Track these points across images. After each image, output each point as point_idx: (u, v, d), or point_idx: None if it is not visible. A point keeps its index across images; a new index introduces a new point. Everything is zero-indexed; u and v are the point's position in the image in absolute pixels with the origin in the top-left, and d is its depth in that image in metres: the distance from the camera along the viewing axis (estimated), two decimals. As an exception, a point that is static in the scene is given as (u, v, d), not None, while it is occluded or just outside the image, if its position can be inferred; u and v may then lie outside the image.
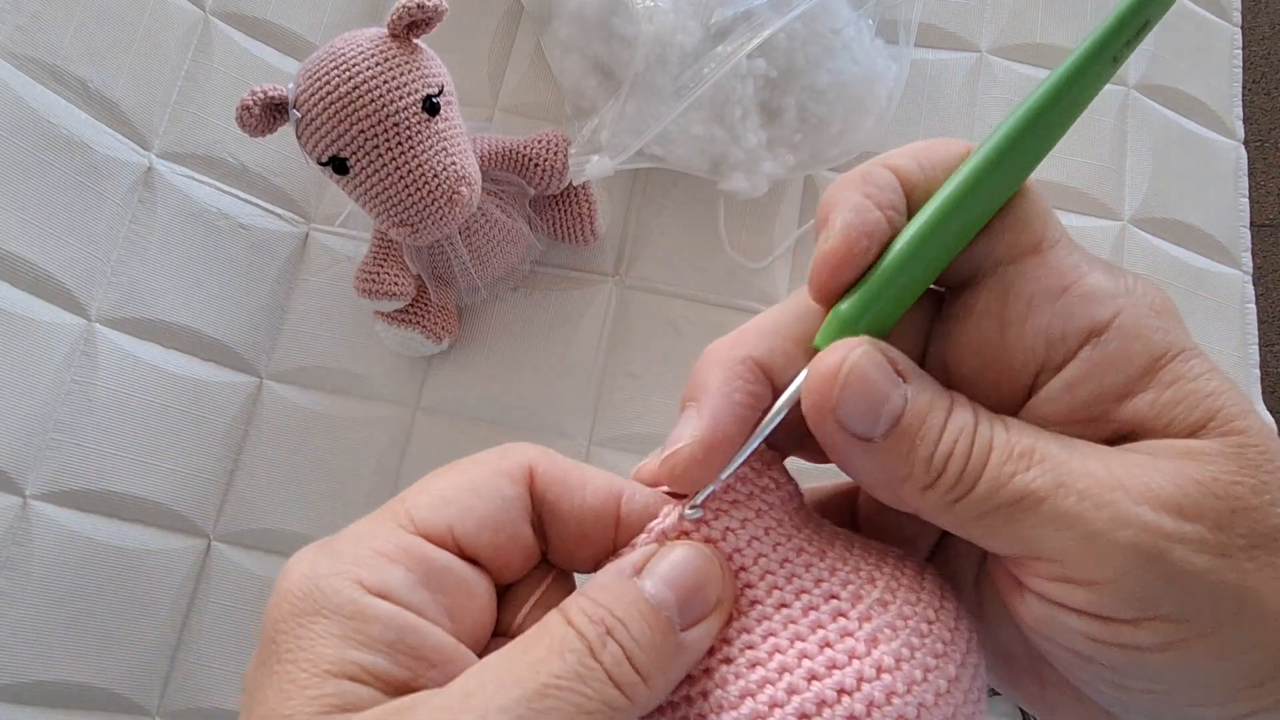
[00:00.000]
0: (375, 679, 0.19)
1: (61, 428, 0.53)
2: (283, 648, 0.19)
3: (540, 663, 0.19)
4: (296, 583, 0.20)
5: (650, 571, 0.21)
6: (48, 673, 0.51)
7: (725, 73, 0.54)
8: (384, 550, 0.20)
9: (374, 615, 0.19)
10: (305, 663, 0.19)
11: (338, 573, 0.20)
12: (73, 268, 0.54)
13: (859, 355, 0.21)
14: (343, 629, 0.19)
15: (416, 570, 0.20)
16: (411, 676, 0.19)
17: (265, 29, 0.64)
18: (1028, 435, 0.21)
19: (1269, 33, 1.28)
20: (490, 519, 0.22)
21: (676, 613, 0.21)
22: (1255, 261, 0.65)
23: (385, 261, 0.55)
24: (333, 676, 0.19)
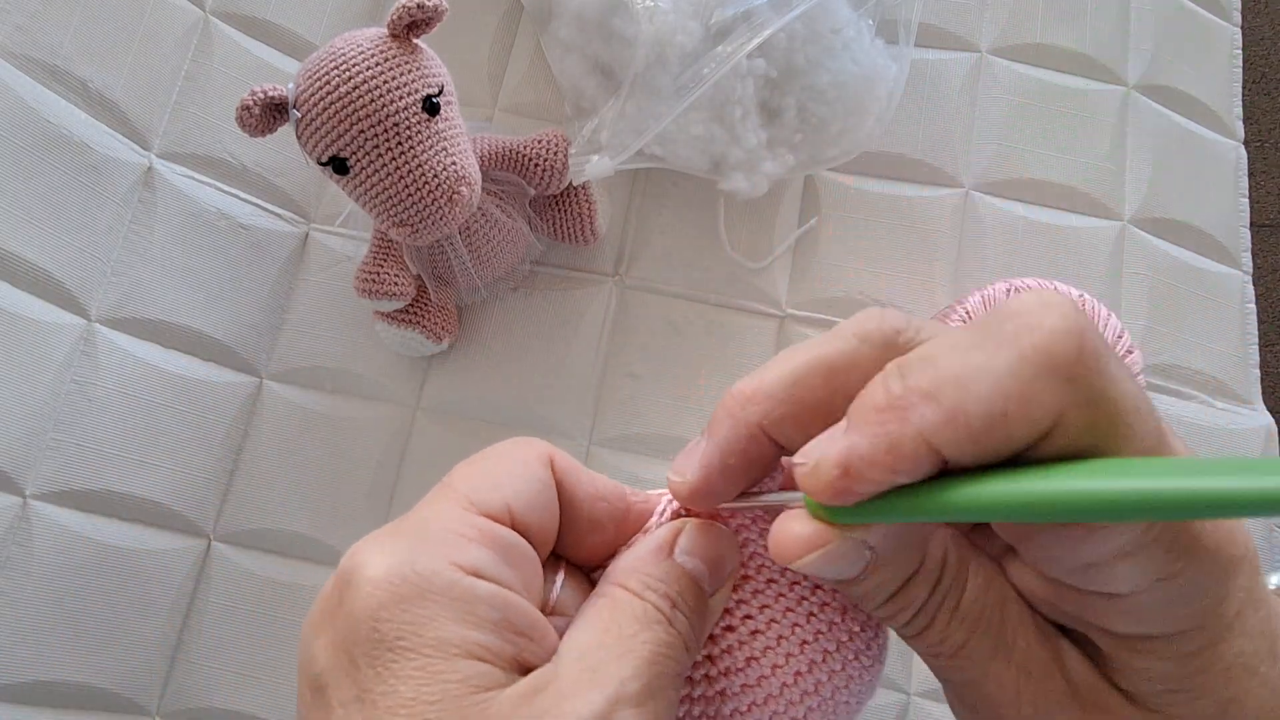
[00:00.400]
0: (495, 657, 0.20)
1: (61, 428, 0.53)
2: (392, 635, 0.19)
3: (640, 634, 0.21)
4: (387, 571, 0.20)
5: (683, 548, 0.24)
6: (48, 673, 0.51)
7: (725, 73, 0.54)
8: (462, 532, 0.21)
9: (479, 595, 0.20)
10: (430, 648, 0.19)
11: (430, 555, 0.20)
12: (73, 268, 0.54)
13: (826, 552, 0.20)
14: (455, 611, 0.19)
15: (495, 548, 0.21)
16: (516, 651, 0.20)
17: (265, 29, 0.64)
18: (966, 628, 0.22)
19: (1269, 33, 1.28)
20: (536, 500, 0.23)
21: (708, 580, 0.24)
22: (1255, 261, 0.65)
23: (385, 261, 0.55)
24: (463, 658, 0.19)
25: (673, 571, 0.23)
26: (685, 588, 0.23)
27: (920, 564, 0.22)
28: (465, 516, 0.21)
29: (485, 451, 0.24)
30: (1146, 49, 0.68)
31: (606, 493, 0.25)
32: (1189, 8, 0.70)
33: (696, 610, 0.23)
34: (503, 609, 0.20)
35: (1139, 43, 0.68)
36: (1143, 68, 0.67)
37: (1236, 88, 0.69)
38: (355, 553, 0.21)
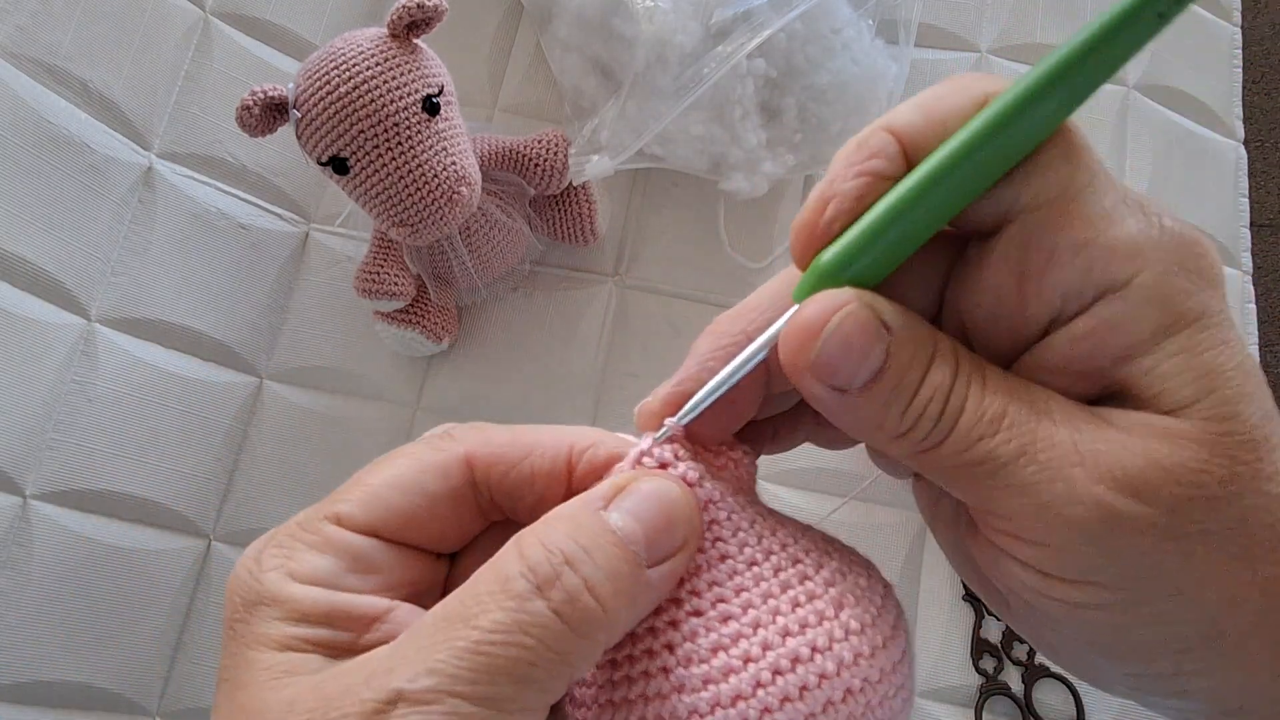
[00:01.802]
0: (318, 646, 0.21)
1: (61, 428, 0.53)
2: (237, 634, 0.21)
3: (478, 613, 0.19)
4: (242, 580, 0.22)
5: (618, 504, 0.21)
6: (48, 673, 0.51)
7: (725, 73, 0.54)
8: (312, 544, 0.22)
9: (301, 597, 0.21)
10: (255, 642, 0.21)
11: (274, 567, 0.22)
12: (73, 268, 0.54)
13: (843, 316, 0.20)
14: (280, 611, 0.21)
15: (343, 558, 0.22)
16: (354, 638, 0.21)
17: (265, 29, 0.64)
18: (1001, 397, 0.21)
19: (1269, 33, 1.28)
20: (413, 516, 0.23)
21: (643, 548, 0.21)
22: (1255, 261, 0.65)
23: (385, 261, 0.55)
24: (279, 650, 0.20)
25: (590, 526, 0.21)
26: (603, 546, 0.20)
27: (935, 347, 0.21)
28: (323, 529, 0.22)
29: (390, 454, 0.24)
30: (1146, 49, 0.67)
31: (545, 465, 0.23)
32: (1189, 7, 0.70)
33: (614, 575, 0.20)
34: (329, 603, 0.21)
35: (1139, 43, 0.68)
36: (1143, 68, 0.67)
37: (1236, 88, 0.69)
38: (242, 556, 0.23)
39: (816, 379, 0.21)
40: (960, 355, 0.21)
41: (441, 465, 0.23)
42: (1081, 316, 0.21)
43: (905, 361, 0.21)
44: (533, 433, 0.24)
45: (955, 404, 0.21)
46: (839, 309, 0.20)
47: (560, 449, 0.23)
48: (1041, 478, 0.20)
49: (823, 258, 0.21)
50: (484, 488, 0.23)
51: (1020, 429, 0.20)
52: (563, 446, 0.23)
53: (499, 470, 0.23)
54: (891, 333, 0.21)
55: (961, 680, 0.54)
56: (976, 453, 0.20)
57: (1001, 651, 0.54)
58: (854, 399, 0.21)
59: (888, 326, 0.21)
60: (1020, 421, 0.20)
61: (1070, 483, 0.19)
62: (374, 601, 0.22)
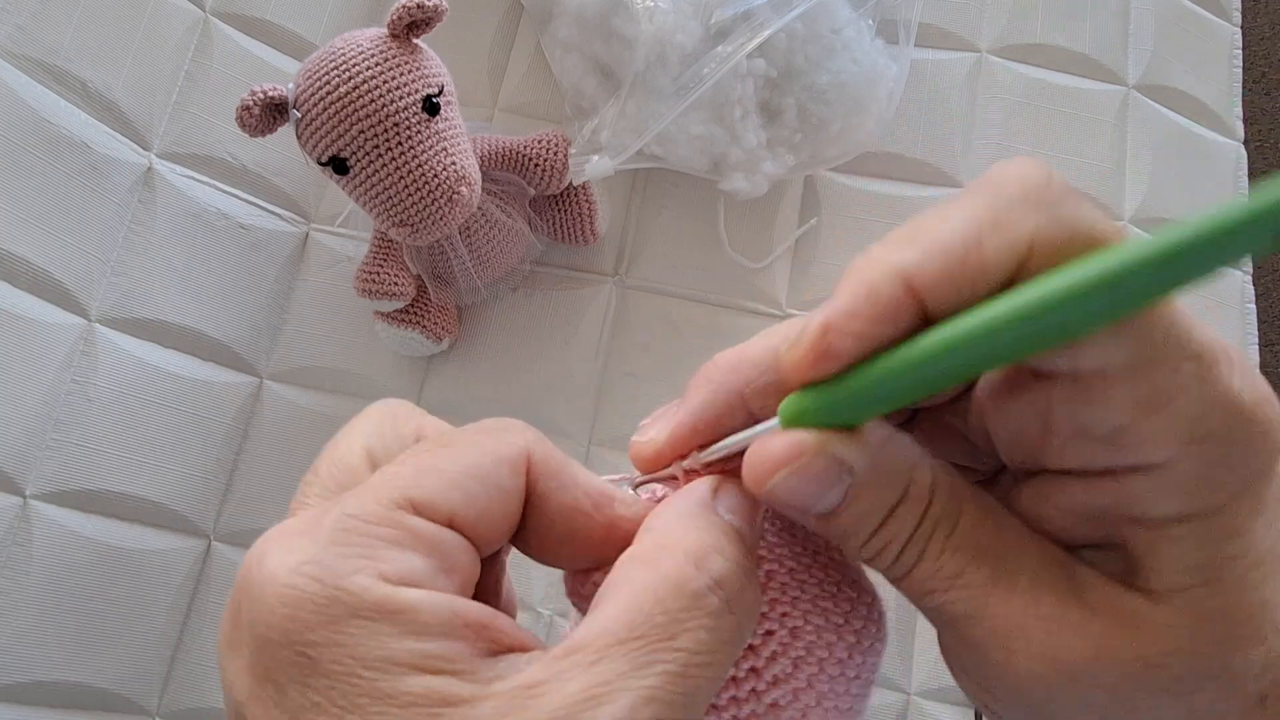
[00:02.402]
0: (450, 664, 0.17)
1: (61, 428, 0.53)
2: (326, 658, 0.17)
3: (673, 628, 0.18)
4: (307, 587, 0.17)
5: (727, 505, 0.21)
6: (48, 673, 0.51)
7: (725, 73, 0.54)
8: (392, 538, 0.18)
9: (419, 604, 0.17)
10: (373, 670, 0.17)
11: (357, 570, 0.18)
12: (73, 268, 0.54)
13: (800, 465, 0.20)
14: (394, 625, 0.17)
15: (433, 556, 0.19)
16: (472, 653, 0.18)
17: (265, 29, 0.64)
18: (962, 555, 0.20)
19: (1269, 33, 1.28)
20: (490, 510, 0.20)
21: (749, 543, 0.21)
22: (1255, 261, 0.65)
23: (385, 261, 0.55)
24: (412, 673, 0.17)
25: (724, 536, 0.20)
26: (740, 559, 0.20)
27: (905, 490, 0.20)
28: (398, 516, 0.19)
29: (450, 438, 0.21)
30: (1146, 49, 0.68)
31: (588, 505, 0.22)
32: (1189, 8, 0.70)
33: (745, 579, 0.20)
34: (450, 611, 0.18)
35: (1139, 43, 0.68)
36: (1143, 68, 0.67)
37: (1236, 88, 0.69)
38: (260, 556, 0.18)
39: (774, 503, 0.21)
40: (935, 497, 0.20)
41: (510, 460, 0.21)
42: (1106, 479, 0.19)
43: (866, 505, 0.20)
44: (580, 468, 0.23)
45: (911, 554, 0.20)
46: (798, 456, 0.20)
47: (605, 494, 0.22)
48: (986, 643, 0.20)
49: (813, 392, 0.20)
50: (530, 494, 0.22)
51: (973, 591, 0.20)
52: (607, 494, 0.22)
53: (548, 485, 0.21)
54: (855, 475, 0.20)
55: (961, 680, 0.54)
56: (929, 601, 0.21)
57: (1001, 651, 0.54)
58: (814, 522, 0.21)
59: (851, 469, 0.20)
60: (975, 584, 0.20)
61: (1010, 655, 0.20)
62: (479, 606, 0.19)
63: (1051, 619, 0.19)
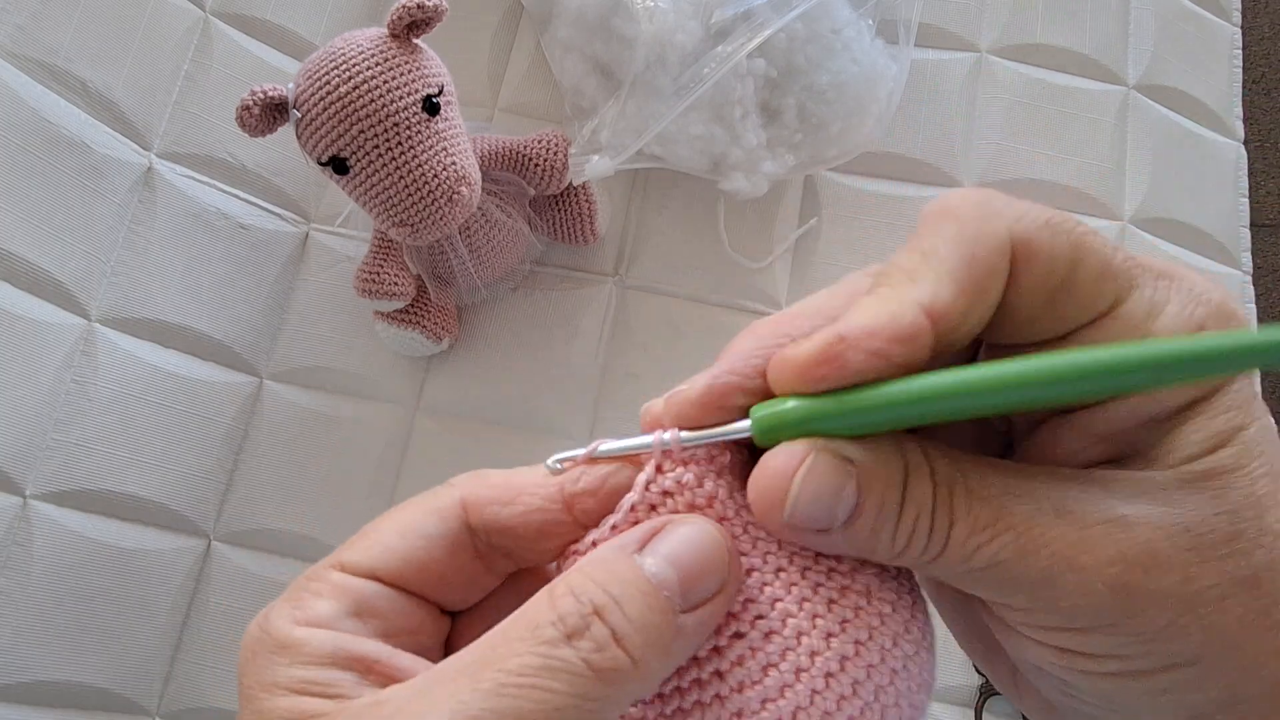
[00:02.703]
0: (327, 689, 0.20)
1: (61, 428, 0.53)
2: (247, 686, 0.21)
3: (506, 656, 0.19)
4: (252, 636, 0.22)
5: (653, 548, 0.21)
6: (48, 673, 0.51)
7: (725, 73, 0.54)
8: (317, 590, 0.22)
9: (306, 639, 0.21)
10: (266, 691, 0.21)
11: (281, 616, 0.22)
12: (73, 268, 0.54)
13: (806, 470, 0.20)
14: (286, 656, 0.21)
15: (343, 601, 0.22)
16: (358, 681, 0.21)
17: (265, 29, 0.64)
18: (992, 502, 0.20)
19: (1269, 33, 1.28)
20: (414, 558, 0.23)
21: (678, 594, 0.20)
22: (1255, 261, 0.65)
23: (385, 261, 0.55)
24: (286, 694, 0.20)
25: (622, 574, 0.20)
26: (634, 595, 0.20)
27: (905, 465, 0.20)
28: (324, 573, 0.22)
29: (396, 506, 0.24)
30: (1146, 49, 0.68)
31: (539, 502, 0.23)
32: (1189, 8, 0.70)
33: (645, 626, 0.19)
34: (334, 644, 0.21)
35: (1139, 43, 0.68)
36: (1143, 68, 0.67)
37: (1236, 88, 0.69)
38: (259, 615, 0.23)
39: (798, 531, 0.21)
40: (936, 462, 0.21)
41: (438, 509, 0.23)
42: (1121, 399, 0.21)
43: (880, 491, 0.20)
44: (527, 473, 0.24)
45: (943, 518, 0.20)
46: (801, 463, 0.20)
47: (553, 482, 0.23)
48: (1052, 571, 0.19)
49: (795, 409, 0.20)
50: (480, 530, 0.23)
51: (1019, 528, 0.20)
52: (556, 480, 0.23)
53: (491, 509, 0.23)
54: (856, 465, 0.20)
55: (961, 680, 0.54)
56: (979, 560, 0.20)
57: (1001, 651, 0.54)
58: (839, 537, 0.21)
59: (850, 460, 0.20)
60: (1017, 521, 0.20)
61: (1081, 572, 0.19)
62: (377, 648, 0.21)
63: (1104, 523, 0.19)
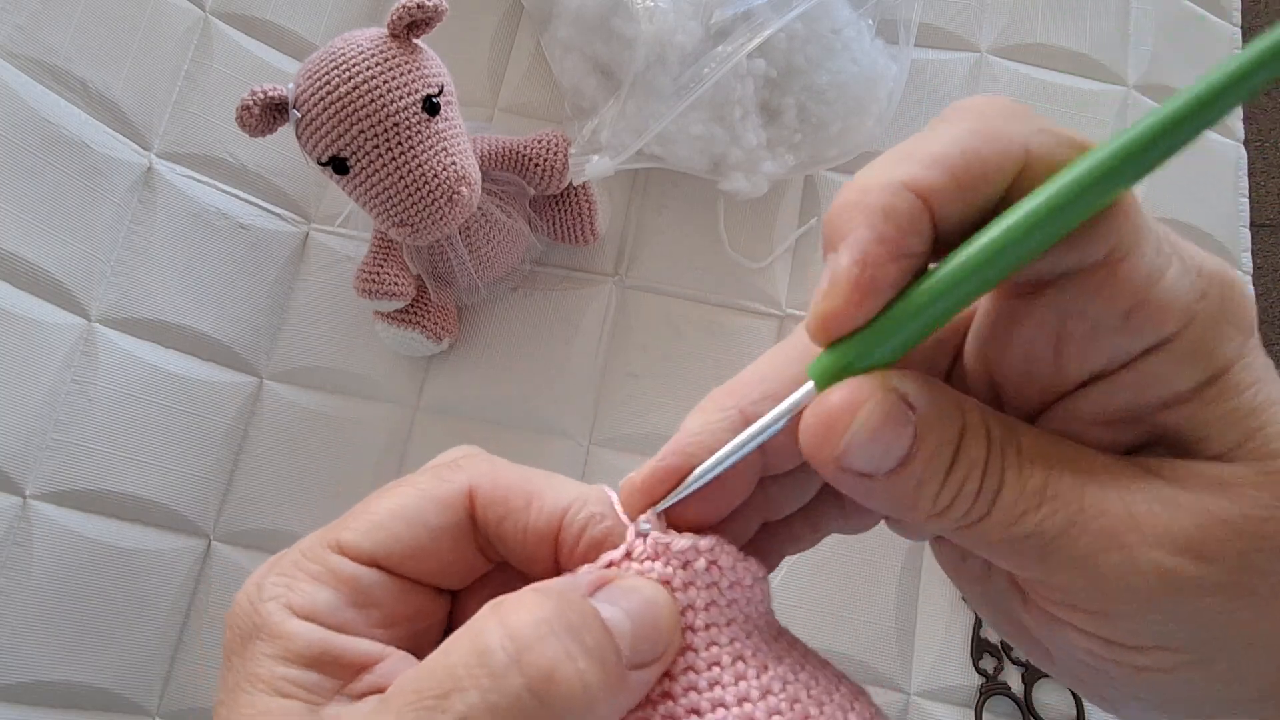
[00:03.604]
0: (305, 691, 0.20)
1: (61, 428, 0.53)
2: (233, 668, 0.21)
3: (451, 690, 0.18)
4: (242, 609, 0.22)
5: (608, 597, 0.20)
6: (48, 673, 0.51)
7: (725, 73, 0.54)
8: (313, 573, 0.22)
9: (296, 634, 0.21)
10: (247, 682, 0.20)
11: (273, 597, 0.21)
12: (73, 268, 0.54)
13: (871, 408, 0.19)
14: (274, 649, 0.20)
15: (343, 590, 0.21)
16: (340, 685, 0.21)
17: (265, 29, 0.64)
18: (1042, 467, 0.19)
19: (1269, 33, 1.28)
20: (416, 547, 0.22)
21: (629, 646, 0.20)
22: (1255, 261, 0.65)
23: (385, 261, 0.55)
24: (266, 693, 0.20)
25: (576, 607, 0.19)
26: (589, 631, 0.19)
27: (964, 421, 0.20)
28: (325, 557, 0.22)
29: (396, 483, 0.23)
30: (1146, 49, 0.68)
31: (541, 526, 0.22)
32: (1189, 8, 0.70)
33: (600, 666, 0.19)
34: (322, 646, 0.20)
35: (1139, 43, 0.68)
36: (1143, 68, 0.67)
37: (1236, 88, 0.69)
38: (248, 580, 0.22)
39: (844, 467, 0.20)
40: (991, 423, 0.20)
41: (444, 498, 0.22)
42: (1122, 371, 0.20)
43: (935, 442, 0.19)
44: (539, 480, 0.23)
45: (993, 479, 0.19)
46: (865, 401, 0.19)
47: (556, 510, 0.22)
48: (1096, 548, 0.19)
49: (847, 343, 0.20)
50: (482, 526, 0.23)
51: (1066, 499, 0.19)
52: (559, 504, 0.22)
53: (496, 514, 0.22)
54: (917, 412, 0.19)
55: (961, 680, 0.54)
56: (1022, 528, 0.19)
57: (1001, 651, 0.54)
58: (883, 483, 0.20)
59: (913, 406, 0.19)
60: (1065, 491, 0.19)
61: (1128, 551, 0.18)
62: (367, 648, 0.21)
63: (1151, 501, 0.19)
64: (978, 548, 0.21)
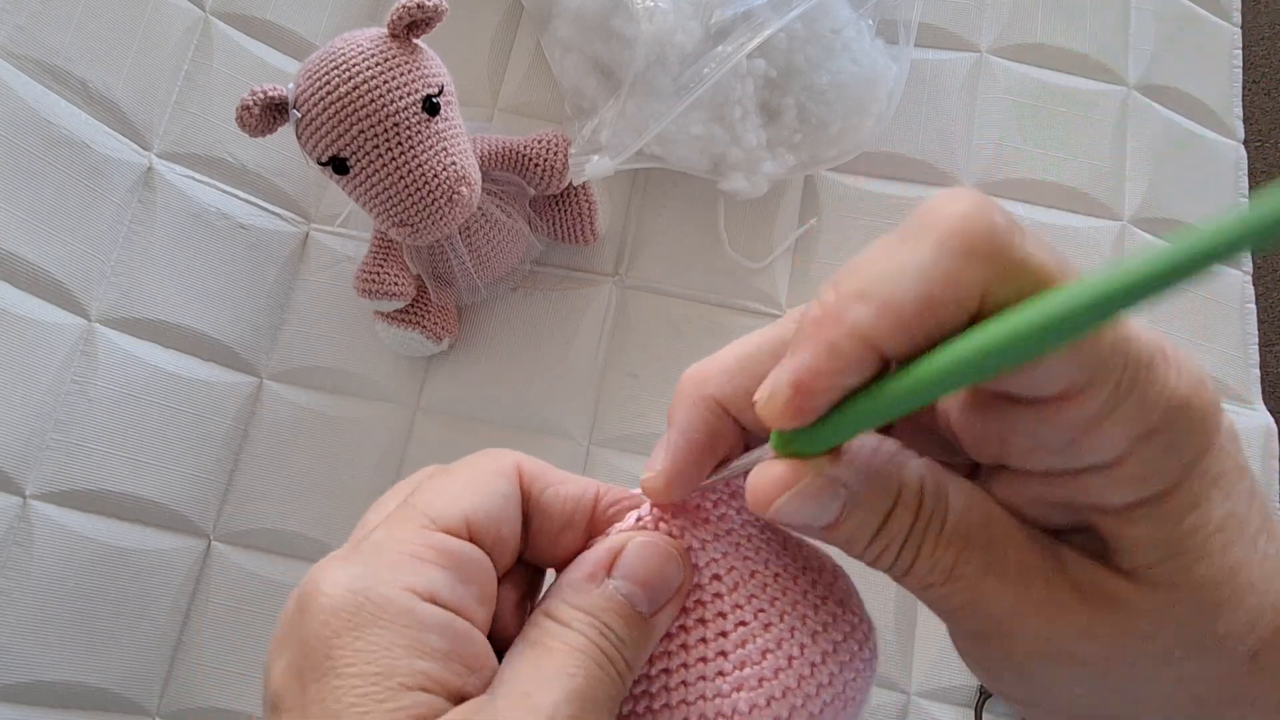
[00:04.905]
0: (439, 687, 0.20)
1: (61, 428, 0.53)
2: (342, 662, 0.20)
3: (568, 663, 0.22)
4: (342, 596, 0.20)
5: (618, 570, 0.24)
6: (48, 673, 0.51)
7: (725, 73, 0.54)
8: (418, 553, 0.21)
9: (432, 623, 0.21)
10: (375, 676, 0.20)
11: (385, 581, 0.21)
12: (73, 268, 0.54)
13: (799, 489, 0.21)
14: (406, 639, 0.20)
15: (451, 566, 0.22)
16: (461, 683, 0.21)
17: (265, 29, 0.64)
18: (954, 550, 0.21)
19: (1269, 33, 1.28)
20: (495, 513, 0.23)
21: (645, 603, 0.23)
22: (1255, 261, 0.65)
23: (385, 261, 0.55)
24: (407, 689, 0.20)
25: (604, 603, 0.23)
26: (619, 620, 0.23)
27: (898, 496, 0.22)
28: (422, 534, 0.22)
29: (446, 467, 0.24)
30: (1146, 49, 0.68)
31: (576, 496, 0.25)
32: (1189, 8, 0.70)
33: (629, 636, 0.23)
34: (452, 639, 0.21)
35: (1139, 43, 0.68)
36: (1143, 68, 0.67)
37: (1236, 88, 0.69)
38: (314, 573, 0.22)
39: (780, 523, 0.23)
40: (924, 499, 0.22)
41: (507, 471, 0.24)
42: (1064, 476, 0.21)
43: (859, 519, 0.22)
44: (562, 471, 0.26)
45: (909, 554, 0.22)
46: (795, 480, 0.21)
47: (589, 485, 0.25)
48: (986, 630, 0.22)
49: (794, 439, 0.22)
50: (527, 496, 0.25)
51: (968, 583, 0.21)
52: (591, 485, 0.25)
53: (540, 484, 0.25)
54: (848, 489, 0.21)
55: (961, 680, 0.54)
56: (928, 597, 0.22)
57: (1001, 651, 0.54)
58: (817, 534, 0.23)
59: (845, 483, 0.21)
60: (969, 575, 0.21)
61: (1008, 640, 0.21)
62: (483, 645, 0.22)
63: (1043, 604, 0.21)
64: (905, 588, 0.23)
